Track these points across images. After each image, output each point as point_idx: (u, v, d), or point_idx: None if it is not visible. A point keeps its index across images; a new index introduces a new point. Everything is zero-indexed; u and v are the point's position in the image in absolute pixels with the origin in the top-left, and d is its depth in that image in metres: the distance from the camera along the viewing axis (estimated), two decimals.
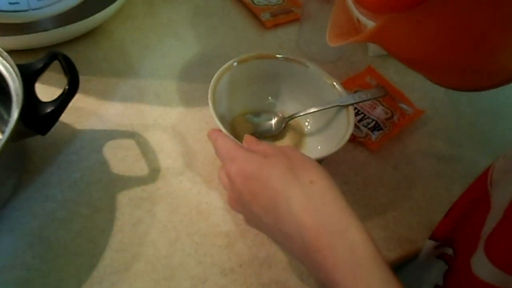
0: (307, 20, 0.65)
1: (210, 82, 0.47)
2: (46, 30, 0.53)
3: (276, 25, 0.69)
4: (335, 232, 0.31)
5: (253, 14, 0.69)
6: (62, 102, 0.41)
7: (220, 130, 0.43)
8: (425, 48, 0.32)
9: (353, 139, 0.54)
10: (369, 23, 0.33)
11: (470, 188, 0.44)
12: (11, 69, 0.41)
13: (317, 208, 0.33)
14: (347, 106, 0.48)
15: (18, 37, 0.53)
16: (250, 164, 0.36)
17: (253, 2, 0.70)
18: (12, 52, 0.42)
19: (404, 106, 0.60)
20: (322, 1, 0.60)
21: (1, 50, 0.42)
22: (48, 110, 0.41)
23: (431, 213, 0.51)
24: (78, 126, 0.50)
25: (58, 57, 0.42)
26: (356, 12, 0.34)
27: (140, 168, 0.48)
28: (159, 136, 0.51)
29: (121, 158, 0.48)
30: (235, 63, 0.49)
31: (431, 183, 0.54)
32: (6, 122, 0.49)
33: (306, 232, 0.32)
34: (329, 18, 0.41)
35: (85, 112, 0.52)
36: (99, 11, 0.56)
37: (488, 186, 0.39)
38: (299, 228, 0.32)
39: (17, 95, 0.40)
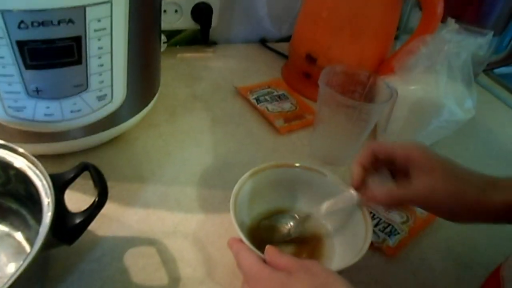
0: (319, 126, 0.68)
1: (229, 188, 0.48)
2: (75, 138, 0.56)
3: (290, 131, 0.72)
4: None
5: (268, 121, 0.73)
6: (91, 214, 0.42)
7: (241, 240, 0.44)
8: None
9: (370, 245, 0.54)
10: None
11: (484, 283, 0.44)
12: (43, 180, 0.43)
13: None
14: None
15: (48, 144, 0.55)
16: (275, 284, 0.37)
17: (267, 109, 0.75)
18: (37, 157, 0.44)
19: (419, 209, 0.61)
20: (333, 109, 0.64)
21: (35, 160, 0.44)
22: (77, 221, 0.41)
23: None
24: (100, 232, 0.51)
25: (89, 168, 0.44)
26: None
27: (160, 278, 0.47)
28: (180, 244, 0.51)
29: (141, 267, 0.48)
30: (253, 174, 0.51)
31: None
32: (29, 227, 0.49)
33: None
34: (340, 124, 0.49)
35: (107, 219, 0.52)
36: (125, 120, 0.60)
37: (500, 281, 0.40)
38: None
39: (47, 205, 0.41)
